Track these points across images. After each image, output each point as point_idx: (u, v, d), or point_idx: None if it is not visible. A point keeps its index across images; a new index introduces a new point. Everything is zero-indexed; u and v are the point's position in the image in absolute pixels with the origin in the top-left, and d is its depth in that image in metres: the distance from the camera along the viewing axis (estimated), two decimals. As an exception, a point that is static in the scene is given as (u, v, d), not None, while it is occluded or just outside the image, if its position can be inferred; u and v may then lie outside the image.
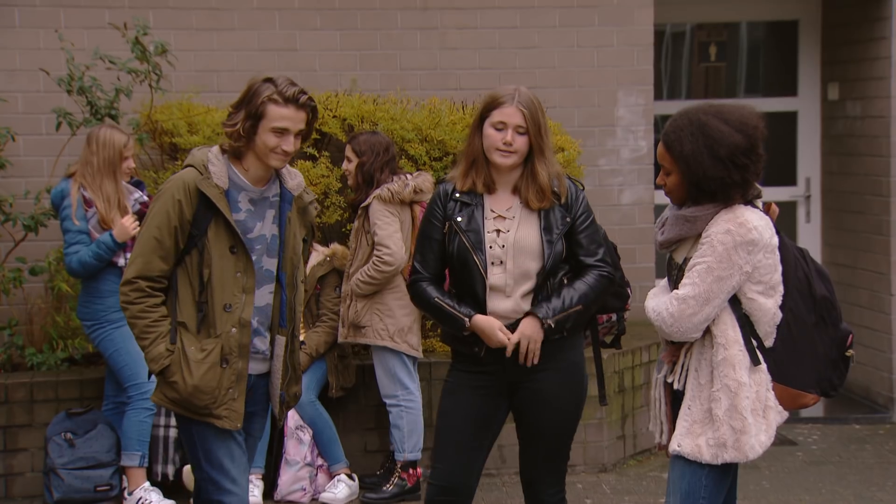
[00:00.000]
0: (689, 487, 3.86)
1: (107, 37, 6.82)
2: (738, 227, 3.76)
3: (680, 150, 3.81)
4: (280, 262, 4.10)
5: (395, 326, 6.01)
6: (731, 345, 3.79)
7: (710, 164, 3.77)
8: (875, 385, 7.96)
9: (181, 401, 4.02)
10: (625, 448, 6.87)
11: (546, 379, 4.27)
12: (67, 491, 5.94)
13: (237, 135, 3.98)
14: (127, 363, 5.85)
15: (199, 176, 3.99)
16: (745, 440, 3.78)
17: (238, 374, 4.03)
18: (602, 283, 4.26)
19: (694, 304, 3.77)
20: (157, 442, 6.07)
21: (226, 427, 4.03)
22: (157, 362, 4.00)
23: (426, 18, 7.53)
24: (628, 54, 7.66)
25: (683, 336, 3.83)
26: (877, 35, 7.83)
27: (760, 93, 8.94)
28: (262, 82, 4.00)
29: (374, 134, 6.15)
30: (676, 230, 3.88)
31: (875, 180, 7.88)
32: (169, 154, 6.83)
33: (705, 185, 3.79)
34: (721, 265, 3.75)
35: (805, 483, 6.47)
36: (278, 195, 4.11)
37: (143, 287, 4.00)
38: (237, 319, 4.01)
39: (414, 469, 6.15)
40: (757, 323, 3.83)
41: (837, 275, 8.38)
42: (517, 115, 4.22)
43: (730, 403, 3.77)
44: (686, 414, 3.87)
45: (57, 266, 6.57)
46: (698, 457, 3.82)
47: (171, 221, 3.96)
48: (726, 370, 3.78)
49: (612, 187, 7.69)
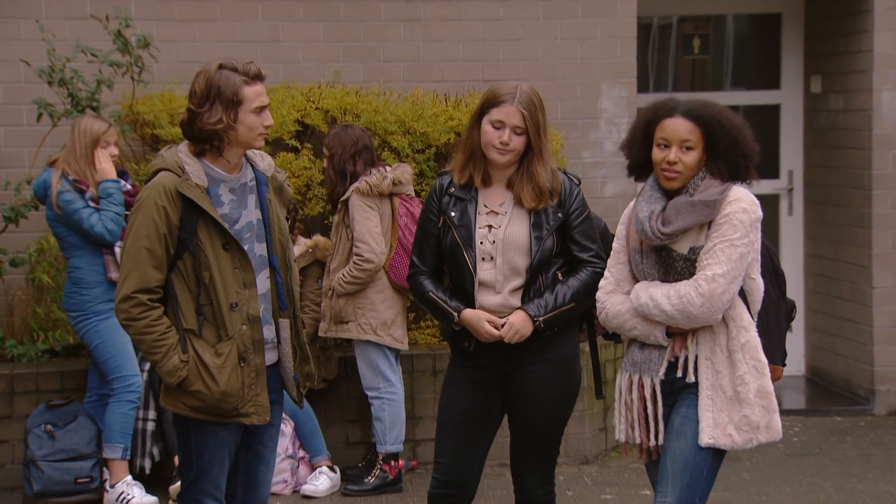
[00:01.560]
0: (691, 479, 3.88)
1: (88, 27, 6.79)
2: (751, 204, 3.84)
3: (720, 122, 3.86)
4: (269, 246, 4.08)
5: (378, 320, 6.01)
6: (750, 326, 3.86)
7: (743, 139, 3.87)
8: (856, 377, 8.00)
9: (206, 408, 3.97)
10: (607, 440, 6.88)
11: (536, 371, 4.29)
12: (48, 483, 5.93)
13: (226, 128, 3.91)
14: (112, 355, 5.84)
15: (177, 178, 3.92)
16: (775, 419, 3.86)
17: (257, 370, 4.01)
18: (595, 280, 4.25)
19: (723, 283, 3.78)
20: (136, 435, 6.06)
21: (255, 423, 4.03)
22: (173, 375, 3.93)
23: (410, 10, 7.52)
24: (611, 47, 7.66)
25: (711, 317, 3.81)
26: (859, 28, 7.85)
27: (744, 86, 8.96)
28: (218, 70, 3.93)
29: (344, 128, 6.14)
30: (693, 217, 3.84)
31: (857, 173, 7.90)
32: (150, 145, 6.81)
33: (734, 155, 3.86)
34: (743, 242, 3.80)
35: (785, 475, 6.50)
36: (254, 179, 4.08)
37: (144, 301, 3.91)
38: (245, 316, 3.98)
39: (396, 461, 6.15)
40: (752, 303, 3.90)
41: (820, 267, 8.42)
42: (516, 116, 4.21)
43: (758, 385, 3.83)
44: (708, 406, 3.85)
45: (38, 257, 6.57)
46: (732, 445, 3.85)
47: (160, 229, 3.89)
48: (751, 352, 3.84)
49: (596, 179, 7.69)
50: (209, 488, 4.05)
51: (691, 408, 3.90)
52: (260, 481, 4.22)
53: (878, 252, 7.76)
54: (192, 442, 4.04)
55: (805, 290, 8.57)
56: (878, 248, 7.75)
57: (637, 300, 3.94)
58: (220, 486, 4.08)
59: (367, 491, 6.13)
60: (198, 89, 3.93)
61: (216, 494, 4.08)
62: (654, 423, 3.98)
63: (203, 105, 3.91)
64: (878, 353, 7.78)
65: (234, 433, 4.07)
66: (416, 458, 6.51)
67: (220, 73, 3.92)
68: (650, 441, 4.00)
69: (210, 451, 4.02)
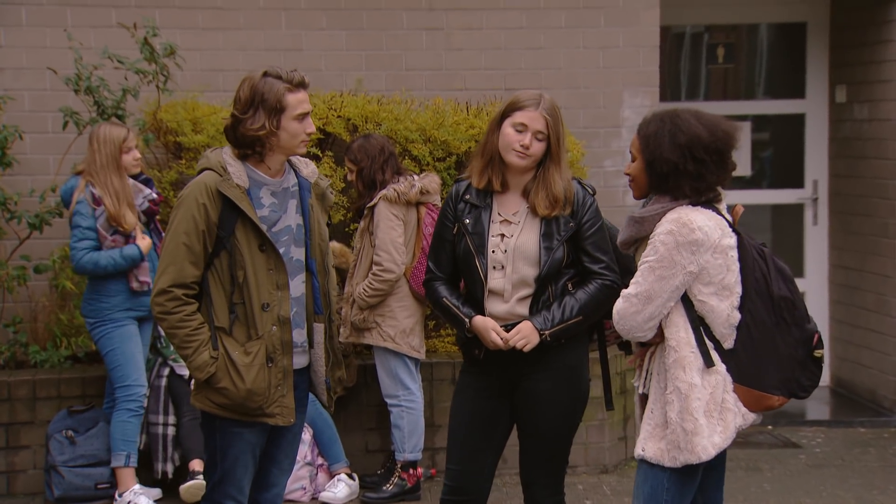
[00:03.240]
0: (651, 490, 3.88)
1: (113, 36, 6.86)
2: (680, 227, 3.78)
3: (645, 130, 3.88)
4: (308, 250, 4.14)
5: (398, 328, 6.02)
6: (682, 346, 3.80)
7: (669, 147, 3.81)
8: (881, 388, 7.94)
9: (233, 405, 4.02)
10: (626, 449, 6.86)
11: (543, 380, 4.30)
12: (68, 488, 5.98)
13: (269, 134, 3.98)
14: (119, 364, 5.89)
15: (219, 178, 4.00)
16: (696, 441, 3.77)
17: (284, 371, 4.06)
18: (604, 293, 4.26)
19: (636, 302, 3.80)
20: (157, 440, 6.10)
21: (279, 423, 4.07)
22: (202, 370, 3.99)
23: (432, 19, 7.54)
24: (634, 55, 7.65)
25: (631, 334, 3.88)
26: (884, 38, 7.81)
27: (768, 95, 8.92)
28: (262, 78, 4.02)
29: (366, 138, 6.15)
30: (628, 231, 3.95)
31: (882, 183, 7.85)
32: (173, 153, 6.86)
33: (658, 166, 3.83)
34: (662, 264, 3.77)
35: (806, 486, 6.46)
36: (297, 184, 4.15)
37: (179, 295, 3.98)
38: (276, 317, 4.03)
39: (414, 469, 6.16)
40: (712, 324, 3.83)
41: (844, 278, 8.36)
42: (540, 121, 4.24)
43: (681, 405, 3.78)
44: (649, 418, 3.89)
45: (61, 264, 6.61)
46: (660, 460, 3.83)
47: (199, 226, 3.97)
48: (677, 372, 3.80)
49: (618, 188, 7.67)
50: (232, 491, 4.10)
51: None
52: (271, 483, 4.25)
53: (902, 262, 7.71)
54: (218, 442, 4.09)
55: (830, 301, 8.51)
56: (902, 259, 7.70)
57: None
58: (244, 490, 4.12)
59: (385, 499, 6.13)
60: (242, 96, 4.01)
61: (239, 497, 4.12)
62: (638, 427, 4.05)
63: (247, 111, 3.99)
64: (903, 364, 7.73)
65: (260, 436, 4.11)
66: (435, 466, 6.52)
67: (265, 81, 4.00)
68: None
69: (234, 453, 4.07)
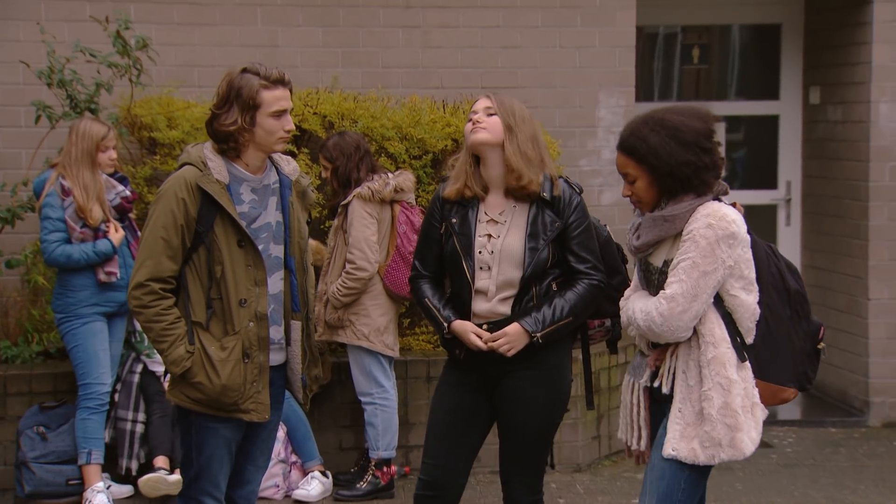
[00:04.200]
0: (667, 489, 3.86)
1: (87, 30, 6.81)
2: (718, 220, 3.77)
3: (646, 146, 3.82)
4: (287, 248, 4.13)
5: (371, 326, 6.01)
6: (720, 343, 3.80)
7: (680, 150, 3.79)
8: (851, 389, 7.99)
9: (207, 401, 4.02)
10: (599, 448, 6.88)
11: (523, 378, 4.30)
12: (39, 484, 5.94)
13: (239, 131, 3.98)
14: (82, 361, 5.87)
15: (199, 173, 3.99)
16: (739, 437, 3.79)
17: (260, 367, 4.05)
18: (591, 293, 4.28)
19: (683, 302, 3.76)
20: (124, 435, 6.06)
21: (254, 420, 4.06)
22: (178, 365, 3.99)
23: (409, 16, 7.53)
24: (610, 55, 7.67)
25: (674, 335, 3.82)
26: (858, 40, 7.86)
27: (742, 96, 8.97)
28: (240, 74, 4.01)
29: (341, 135, 6.13)
30: (655, 232, 3.87)
31: (854, 185, 7.91)
32: (147, 149, 6.82)
33: (679, 172, 3.80)
34: (706, 260, 3.75)
35: (778, 485, 6.49)
36: (277, 181, 4.14)
37: (156, 289, 3.98)
38: (253, 313, 4.02)
39: (388, 467, 6.15)
40: (739, 320, 3.85)
41: (816, 278, 8.41)
42: (485, 101, 4.34)
43: (723, 401, 3.78)
44: (678, 417, 3.85)
45: (33, 259, 6.56)
46: (694, 459, 3.82)
47: (177, 220, 3.96)
48: (717, 368, 3.79)
49: (593, 188, 7.69)
50: (208, 487, 4.09)
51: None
52: (246, 480, 4.24)
53: (874, 264, 7.76)
54: (194, 438, 4.08)
55: (801, 301, 8.55)
56: (874, 260, 7.76)
57: (625, 312, 3.99)
58: (220, 486, 4.11)
59: (358, 496, 6.12)
60: (220, 91, 4.02)
61: (215, 493, 4.11)
62: (638, 429, 4.01)
63: (223, 106, 4.00)
64: (874, 364, 7.79)
65: (235, 432, 4.10)
66: (409, 464, 6.51)
67: (242, 77, 4.00)
68: (634, 444, 4.04)
69: (210, 449, 4.06)
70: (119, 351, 6.10)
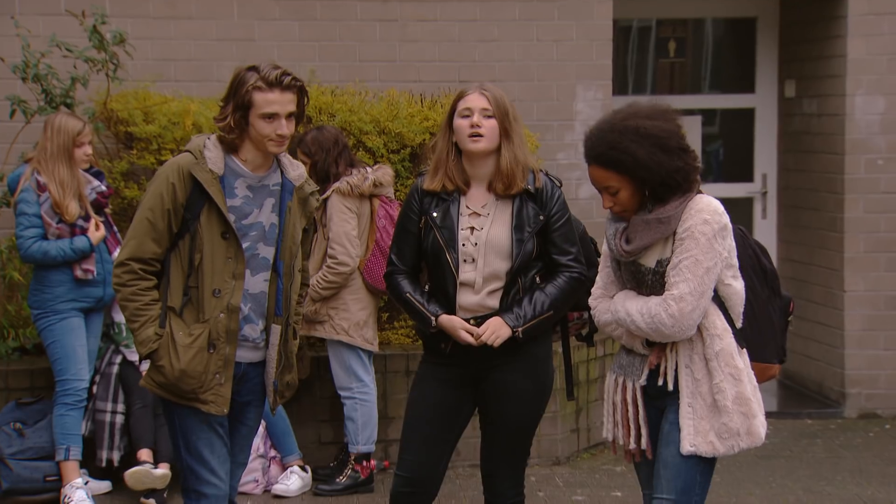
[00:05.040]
0: (684, 486, 3.86)
1: (63, 24, 6.76)
2: (713, 214, 3.78)
3: (633, 160, 3.75)
4: (278, 251, 4.11)
5: (351, 321, 6.00)
6: (724, 334, 3.82)
7: (667, 158, 3.76)
8: (827, 380, 8.04)
9: (168, 385, 4.02)
10: (578, 441, 6.90)
11: (509, 371, 4.31)
12: (16, 481, 5.90)
13: (229, 128, 4.00)
14: (60, 357, 5.84)
15: (194, 161, 4.00)
16: (755, 424, 3.82)
17: (225, 360, 4.04)
18: (573, 285, 4.29)
19: (692, 300, 3.75)
20: (103, 427, 6.03)
21: (212, 412, 4.04)
22: (144, 346, 4.02)
23: (386, 10, 7.52)
24: (587, 49, 7.68)
25: (684, 335, 3.79)
26: (833, 34, 7.90)
27: (718, 89, 9.00)
28: (245, 71, 4.01)
29: (320, 130, 6.10)
30: (650, 235, 3.81)
31: (830, 178, 7.95)
32: (124, 143, 6.78)
33: (671, 180, 3.77)
34: (707, 256, 3.75)
35: (755, 477, 6.53)
36: (279, 184, 4.12)
37: (136, 269, 4.01)
38: (225, 305, 4.02)
39: (367, 461, 6.15)
40: (731, 307, 3.87)
41: (792, 271, 8.46)
42: (481, 99, 4.28)
43: (736, 391, 3.79)
44: (688, 414, 3.83)
45: (9, 254, 6.51)
46: (714, 452, 3.82)
47: (165, 204, 3.98)
48: (726, 359, 3.80)
49: (571, 181, 7.69)
50: (204, 473, 4.07)
51: (678, 415, 3.88)
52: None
53: (849, 256, 7.81)
54: (177, 424, 4.09)
55: (778, 294, 8.60)
56: (849, 252, 7.80)
57: (616, 313, 3.92)
58: (215, 469, 4.08)
59: (338, 491, 6.12)
60: (228, 83, 4.04)
61: (212, 479, 4.08)
62: (636, 428, 3.96)
63: (225, 100, 4.04)
64: (850, 356, 7.83)
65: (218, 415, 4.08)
66: (388, 458, 6.51)
67: (244, 75, 4.00)
68: (632, 444, 3.99)
69: (195, 431, 4.05)
70: (96, 346, 6.07)
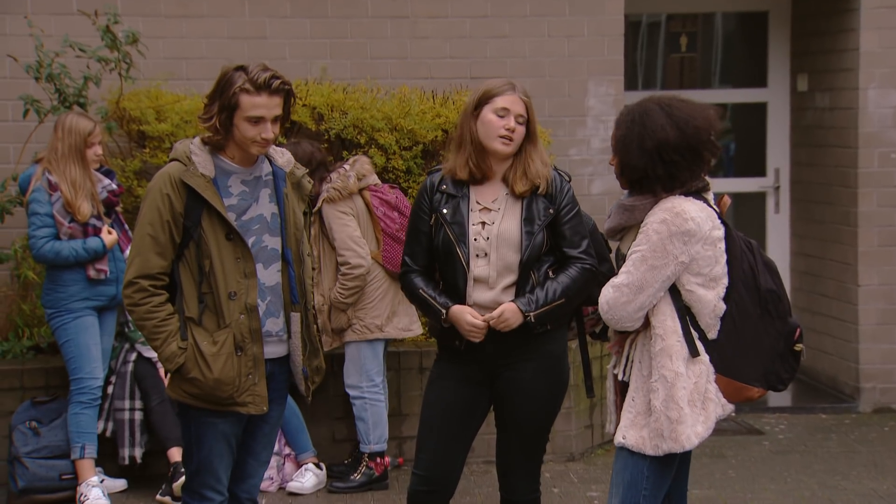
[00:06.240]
0: (631, 478, 3.88)
1: (75, 23, 6.78)
2: (674, 216, 3.78)
3: (616, 133, 3.90)
4: (284, 240, 4.11)
5: (382, 317, 6.01)
6: (669, 335, 3.81)
7: (636, 154, 3.82)
8: (842, 375, 8.02)
9: (203, 395, 4.02)
10: (593, 437, 6.89)
11: (526, 368, 4.30)
12: (32, 479, 5.93)
13: (214, 129, 3.98)
14: (74, 356, 5.86)
15: (183, 168, 3.98)
16: (681, 430, 3.78)
17: (255, 359, 4.04)
18: (584, 276, 4.28)
19: (628, 293, 3.79)
20: (123, 425, 6.04)
21: (252, 412, 4.06)
22: (171, 361, 4.00)
23: (397, 7, 7.52)
24: (599, 44, 7.66)
25: (619, 324, 3.86)
26: (845, 27, 7.87)
27: (730, 84, 8.98)
28: (233, 71, 3.99)
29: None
30: (616, 219, 3.94)
31: (843, 171, 7.92)
32: (137, 142, 6.80)
33: (627, 173, 3.86)
34: (655, 254, 3.77)
35: (770, 472, 6.52)
36: (271, 173, 4.12)
37: (146, 286, 3.98)
38: (243, 306, 4.01)
39: (382, 458, 6.15)
40: (698, 314, 3.84)
41: (805, 265, 8.44)
42: (520, 104, 4.28)
43: (666, 394, 3.78)
44: (630, 406, 3.88)
45: (23, 254, 6.53)
46: (642, 448, 3.83)
47: (163, 216, 3.96)
48: (663, 360, 3.80)
49: (583, 177, 7.69)
50: (210, 480, 4.10)
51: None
52: (248, 474, 4.25)
53: (863, 250, 7.78)
54: (193, 433, 4.09)
55: (791, 288, 8.58)
56: (863, 246, 7.78)
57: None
58: (221, 479, 4.12)
59: (353, 488, 6.13)
60: (215, 81, 4.03)
61: (217, 487, 4.11)
62: (609, 412, 4.06)
63: (210, 99, 4.01)
64: (864, 350, 7.81)
65: (234, 426, 4.10)
66: (403, 454, 6.51)
67: (232, 74, 3.98)
68: (608, 428, 4.08)
69: (209, 443, 4.06)
70: (110, 345, 6.08)
